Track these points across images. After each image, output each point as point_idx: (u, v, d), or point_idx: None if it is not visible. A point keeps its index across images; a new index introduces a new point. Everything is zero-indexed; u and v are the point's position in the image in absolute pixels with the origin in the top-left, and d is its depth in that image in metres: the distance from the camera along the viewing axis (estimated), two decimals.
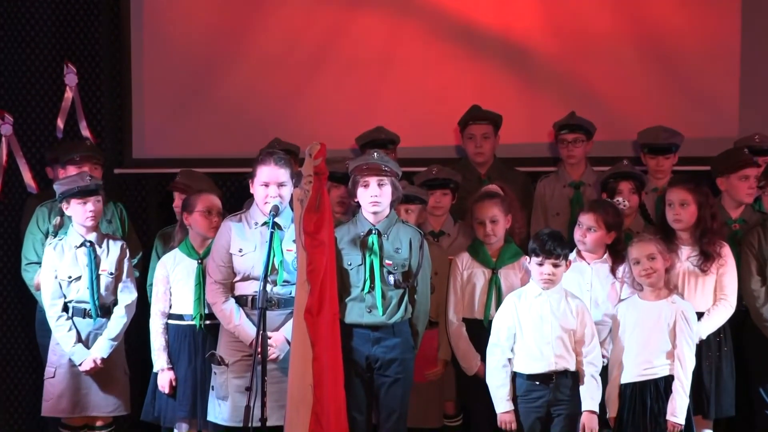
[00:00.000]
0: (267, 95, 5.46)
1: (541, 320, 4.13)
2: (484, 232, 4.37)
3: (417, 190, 4.57)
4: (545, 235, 4.13)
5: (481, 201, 4.38)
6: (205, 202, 4.44)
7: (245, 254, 4.09)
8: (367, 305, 4.05)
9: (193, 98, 5.45)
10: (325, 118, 5.41)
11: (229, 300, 4.10)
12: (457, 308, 4.37)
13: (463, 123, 5.24)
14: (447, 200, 4.73)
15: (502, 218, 4.38)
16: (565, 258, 4.13)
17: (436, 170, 4.72)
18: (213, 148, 5.44)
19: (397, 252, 4.08)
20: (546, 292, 4.15)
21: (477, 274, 4.36)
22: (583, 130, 5.08)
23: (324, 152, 3.88)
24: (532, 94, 5.45)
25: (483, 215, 4.36)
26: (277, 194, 4.06)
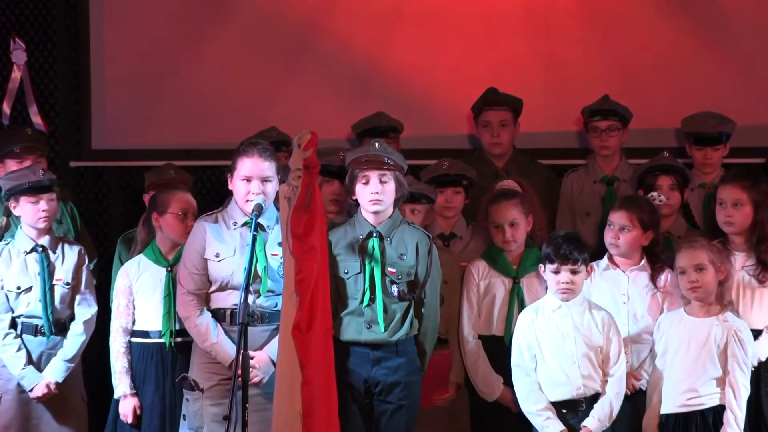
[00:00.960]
0: (248, 77, 5.48)
1: (562, 337, 4.15)
2: (502, 237, 4.41)
3: (425, 188, 4.59)
4: (559, 238, 4.16)
5: (498, 202, 4.41)
6: (181, 203, 4.45)
7: (223, 260, 4.11)
8: (366, 320, 4.06)
9: (163, 80, 5.47)
10: (316, 102, 5.43)
11: (204, 314, 4.11)
12: (472, 323, 4.41)
13: (478, 108, 5.26)
14: (459, 199, 4.76)
15: (522, 221, 4.40)
16: (584, 263, 4.15)
17: (447, 165, 4.74)
18: (186, 138, 5.46)
19: (401, 258, 4.09)
20: (566, 304, 4.17)
21: (496, 284, 4.40)
22: (618, 116, 5.10)
23: (315, 142, 3.88)
24: (557, 74, 5.46)
25: (501, 218, 4.40)
26: (260, 191, 4.07)
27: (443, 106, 5.47)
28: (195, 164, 5.35)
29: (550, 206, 4.91)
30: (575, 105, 5.27)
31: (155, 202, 4.54)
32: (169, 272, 4.42)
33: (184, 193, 4.51)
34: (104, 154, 5.50)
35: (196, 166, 5.36)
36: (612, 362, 4.14)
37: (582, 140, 5.37)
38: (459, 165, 4.79)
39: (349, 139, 5.29)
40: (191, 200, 4.49)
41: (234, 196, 4.16)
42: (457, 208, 4.76)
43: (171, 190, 4.52)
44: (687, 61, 5.41)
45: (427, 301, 4.13)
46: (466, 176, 4.76)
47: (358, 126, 5.29)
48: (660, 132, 5.35)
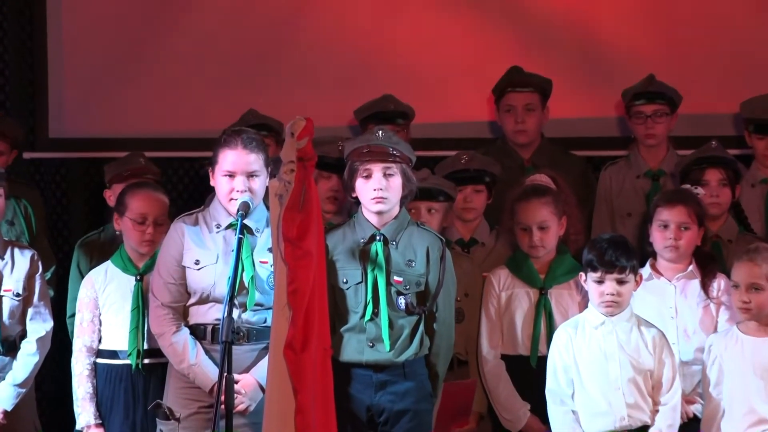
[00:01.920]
0: (232, 55, 5.51)
1: (605, 359, 4.15)
2: (530, 241, 4.42)
3: (443, 183, 4.61)
4: (604, 242, 4.15)
5: (527, 200, 4.42)
6: (141, 206, 4.44)
7: (203, 268, 4.11)
8: (369, 337, 4.07)
9: (132, 59, 5.50)
10: (311, 84, 5.45)
11: (181, 330, 4.12)
12: (493, 341, 4.43)
13: (500, 90, 5.28)
14: (481, 199, 4.77)
15: (554, 222, 4.42)
16: (633, 271, 4.14)
17: (466, 158, 4.75)
18: (159, 125, 5.50)
19: (409, 265, 4.11)
20: (610, 319, 4.17)
21: (519, 295, 4.42)
22: (666, 99, 5.11)
23: (311, 130, 3.88)
24: (592, 50, 5.48)
25: (529, 219, 4.40)
26: (246, 187, 4.08)
27: (459, 88, 5.47)
28: (170, 155, 5.39)
29: (585, 205, 4.92)
30: (614, 86, 5.28)
31: (118, 199, 4.56)
32: (138, 282, 4.44)
33: (149, 193, 4.50)
34: (63, 143, 5.52)
35: (172, 157, 5.39)
36: (665, 389, 4.14)
37: (623, 128, 5.38)
38: (480, 158, 4.81)
39: (351, 126, 5.31)
40: (156, 203, 4.48)
41: (216, 193, 4.17)
42: (478, 210, 4.78)
43: (135, 189, 4.52)
44: (746, 33, 5.41)
45: (439, 316, 4.13)
46: (489, 172, 4.77)
47: (361, 111, 5.30)
48: (713, 118, 5.38)
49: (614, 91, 5.31)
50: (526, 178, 4.65)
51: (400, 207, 4.15)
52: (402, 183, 4.10)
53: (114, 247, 4.61)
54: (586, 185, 5.15)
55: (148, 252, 4.47)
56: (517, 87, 5.20)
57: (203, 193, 4.78)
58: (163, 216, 4.47)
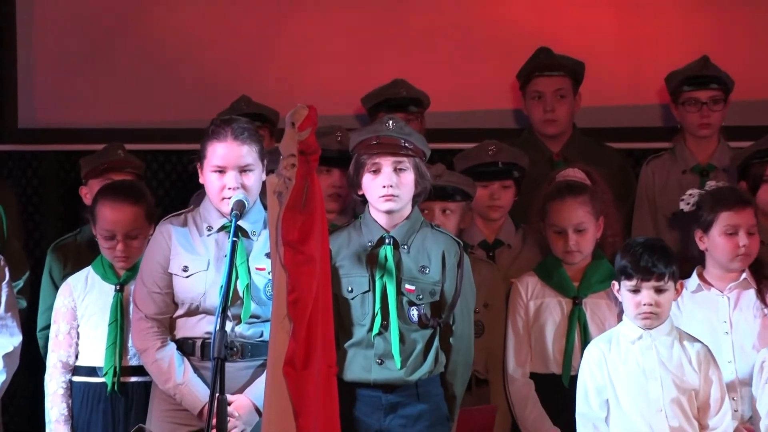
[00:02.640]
0: (223, 36, 5.54)
1: (644, 377, 4.15)
2: (564, 246, 4.43)
3: (460, 180, 4.60)
4: (639, 246, 4.15)
5: (561, 199, 4.44)
6: (108, 220, 4.42)
7: (193, 275, 4.11)
8: (377, 354, 4.07)
9: (112, 41, 5.53)
10: (313, 68, 5.47)
11: (168, 346, 4.12)
12: (519, 357, 4.44)
13: (526, 75, 5.29)
14: (508, 196, 4.78)
15: (591, 224, 4.43)
16: (672, 278, 4.14)
17: (494, 150, 4.75)
18: (141, 114, 5.52)
19: (423, 272, 4.11)
20: (648, 333, 4.18)
21: (550, 305, 4.43)
22: (722, 84, 5.11)
23: (314, 119, 3.87)
24: (631, 29, 5.49)
25: (564, 220, 4.41)
26: (239, 184, 4.08)
27: (480, 72, 5.48)
28: (155, 147, 5.41)
29: (624, 204, 4.92)
30: (657, 70, 5.28)
31: (92, 206, 4.54)
32: (117, 292, 4.45)
33: (119, 205, 4.45)
34: (34, 134, 5.55)
35: (157, 150, 5.41)
36: (712, 411, 4.13)
37: (666, 117, 5.38)
38: (509, 150, 4.81)
39: (358, 115, 5.31)
40: (126, 216, 4.45)
41: (206, 192, 4.17)
42: (505, 208, 4.80)
43: (104, 198, 4.47)
44: None
45: (457, 329, 4.13)
46: (519, 165, 4.77)
47: (369, 98, 5.32)
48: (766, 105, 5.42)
49: (656, 75, 5.32)
50: (556, 173, 4.66)
51: (412, 206, 4.14)
52: (415, 179, 4.09)
53: (91, 252, 4.61)
54: (624, 182, 5.15)
55: (123, 267, 4.49)
56: (546, 71, 5.21)
57: (193, 190, 4.78)
58: (136, 229, 4.47)
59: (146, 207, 4.53)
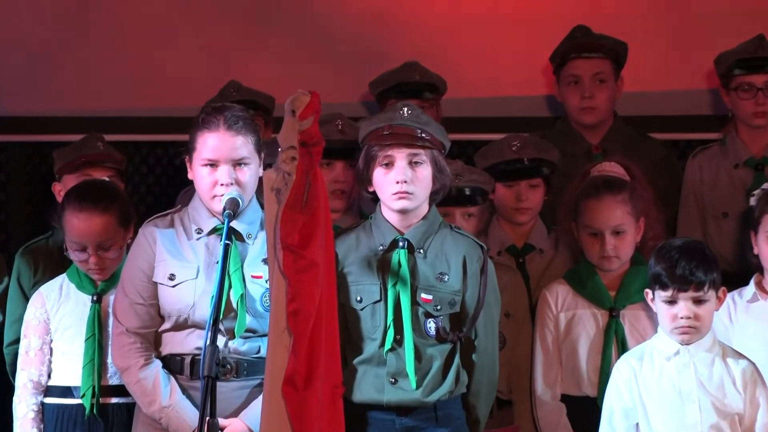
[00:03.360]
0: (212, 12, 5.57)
1: (680, 398, 4.15)
2: (600, 250, 4.43)
3: (479, 177, 4.59)
4: (675, 251, 4.15)
5: (598, 197, 4.43)
6: (76, 231, 4.40)
7: (180, 284, 4.11)
8: (390, 372, 4.07)
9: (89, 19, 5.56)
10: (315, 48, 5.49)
11: (152, 363, 4.12)
12: (549, 377, 4.45)
13: (561, 57, 5.30)
14: (537, 196, 4.81)
15: (631, 226, 4.43)
16: (713, 286, 4.13)
17: (518, 145, 4.76)
18: (123, 100, 5.54)
19: (441, 280, 4.11)
20: (686, 348, 4.17)
21: (583, 318, 4.44)
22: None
23: (317, 107, 3.87)
24: (676, 3, 5.50)
25: (600, 222, 4.41)
26: (232, 180, 4.08)
27: (506, 53, 5.49)
28: (138, 138, 5.44)
29: (668, 203, 4.91)
30: (706, 51, 5.29)
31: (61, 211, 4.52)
32: (94, 303, 4.45)
33: (89, 215, 4.42)
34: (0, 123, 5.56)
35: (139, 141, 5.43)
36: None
37: (716, 104, 5.39)
38: (536, 144, 4.81)
39: (365, 102, 5.31)
40: (97, 227, 4.43)
41: (196, 189, 4.16)
42: (533, 209, 4.82)
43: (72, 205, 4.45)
44: None
45: (480, 344, 4.14)
46: (548, 161, 4.78)
47: (379, 83, 5.33)
48: None
49: (705, 57, 5.33)
50: (590, 167, 4.66)
51: (429, 205, 4.14)
52: (432, 174, 4.09)
53: (65, 257, 4.58)
54: (669, 177, 5.16)
55: (100, 279, 4.48)
56: (584, 52, 5.24)
57: (180, 187, 4.77)
58: (108, 240, 4.45)
59: (119, 212, 4.50)
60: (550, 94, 5.45)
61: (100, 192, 4.56)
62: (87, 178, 4.88)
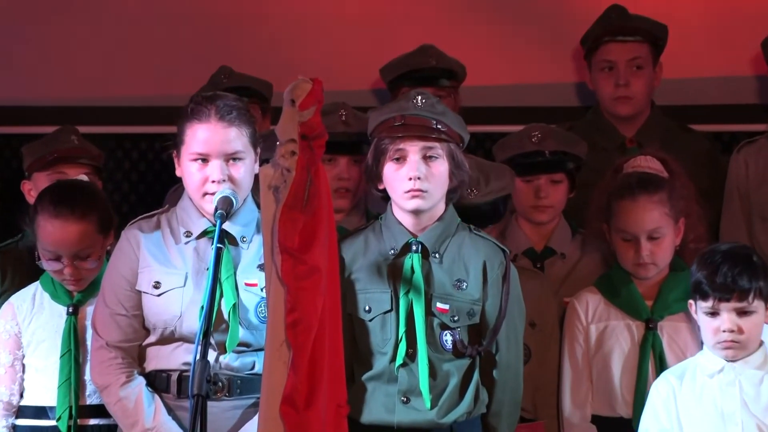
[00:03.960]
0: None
1: (722, 420, 4.16)
2: (635, 256, 4.42)
3: (501, 172, 4.55)
4: (718, 256, 4.17)
5: (632, 197, 4.44)
6: (49, 240, 4.40)
7: (167, 293, 4.11)
8: (402, 390, 4.07)
9: None
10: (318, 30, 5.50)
11: (134, 380, 4.12)
12: (578, 396, 4.48)
13: (594, 40, 5.32)
14: (560, 193, 4.83)
15: (670, 228, 4.44)
16: (761, 296, 4.15)
17: (539, 136, 4.77)
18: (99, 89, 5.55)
19: (459, 287, 4.11)
20: (732, 365, 4.18)
21: (617, 330, 4.45)
22: None
23: (319, 95, 3.86)
24: None
25: (636, 225, 4.42)
26: (225, 176, 4.08)
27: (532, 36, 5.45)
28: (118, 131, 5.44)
29: (711, 201, 4.90)
30: (752, 34, 5.32)
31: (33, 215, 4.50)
32: (70, 315, 4.45)
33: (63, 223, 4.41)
34: None
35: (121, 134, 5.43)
36: None
37: (764, 92, 5.43)
38: (559, 135, 4.82)
39: (375, 90, 5.29)
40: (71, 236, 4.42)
41: (185, 187, 4.17)
42: (555, 208, 4.86)
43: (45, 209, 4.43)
44: None
45: (502, 359, 4.14)
46: (572, 155, 4.79)
47: (390, 69, 5.35)
48: None
49: (751, 40, 5.36)
50: (623, 162, 4.66)
51: (446, 205, 4.14)
52: (449, 170, 4.09)
53: None
54: (711, 173, 5.18)
55: (75, 290, 4.47)
56: (619, 35, 5.29)
57: (169, 184, 4.74)
58: (85, 249, 4.44)
59: (98, 218, 4.49)
60: (581, 81, 5.43)
61: (78, 195, 4.55)
62: (60, 176, 4.90)
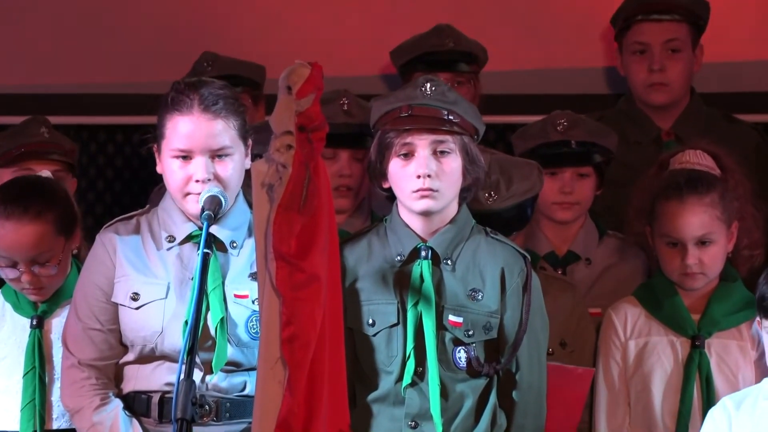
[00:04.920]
0: None
1: None
2: (682, 265, 4.46)
3: (527, 171, 4.57)
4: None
5: (679, 198, 4.47)
6: (3, 245, 4.42)
7: (146, 305, 4.13)
8: (410, 413, 4.10)
9: None
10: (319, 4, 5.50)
11: (110, 403, 4.14)
12: (614, 420, 4.52)
13: (624, 20, 5.33)
14: (586, 189, 4.90)
15: (721, 234, 4.47)
16: None
17: (565, 124, 4.82)
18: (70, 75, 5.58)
19: (474, 298, 4.15)
20: None
21: (659, 347, 4.49)
22: None
23: (318, 82, 3.88)
24: None
25: (683, 230, 4.45)
26: (211, 175, 4.12)
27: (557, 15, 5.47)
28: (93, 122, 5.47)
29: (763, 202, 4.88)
30: None
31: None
32: (34, 329, 4.48)
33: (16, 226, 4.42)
34: None
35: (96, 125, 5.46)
36: None
37: None
38: (587, 125, 4.89)
39: (385, 75, 5.31)
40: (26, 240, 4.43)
41: (166, 185, 4.19)
42: (581, 205, 4.93)
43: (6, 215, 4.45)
44: None
45: (522, 378, 4.17)
46: (601, 147, 4.85)
47: (402, 51, 5.37)
48: None
49: None
50: (668, 156, 4.66)
51: (459, 205, 4.16)
52: (462, 167, 4.12)
53: None
54: (762, 170, 5.21)
55: (38, 300, 4.49)
56: (653, 13, 5.25)
57: (149, 182, 4.76)
58: (43, 253, 4.45)
59: (56, 218, 4.49)
60: (610, 66, 5.44)
61: (32, 193, 4.54)
62: (27, 172, 4.88)
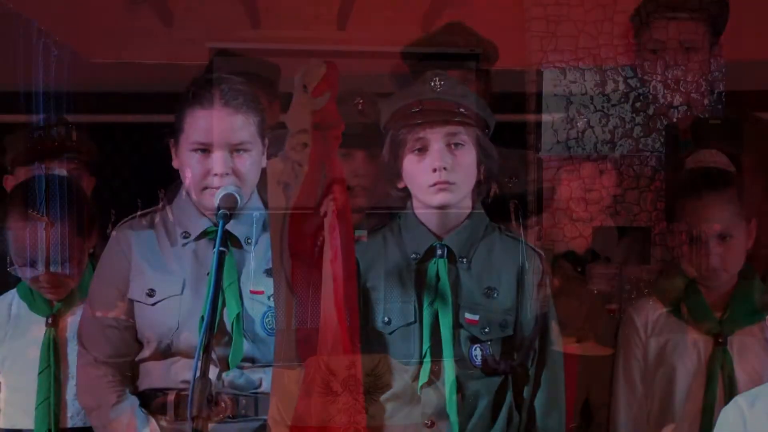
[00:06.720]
0: None
1: None
2: (705, 262, 4.40)
3: None
4: None
5: (698, 195, 4.52)
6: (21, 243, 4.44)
7: (162, 302, 4.18)
8: (426, 412, 4.13)
9: None
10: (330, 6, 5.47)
11: (126, 401, 4.20)
12: (635, 420, 4.46)
13: (641, 17, 5.32)
14: None
15: (741, 230, 4.51)
16: None
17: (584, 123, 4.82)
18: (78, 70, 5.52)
19: (489, 296, 4.17)
20: None
21: (680, 346, 4.53)
22: None
23: (334, 81, 3.92)
24: None
25: (700, 226, 4.47)
26: (229, 169, 4.14)
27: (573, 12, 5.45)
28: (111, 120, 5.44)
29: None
30: None
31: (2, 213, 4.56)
32: (50, 327, 4.51)
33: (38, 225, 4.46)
34: None
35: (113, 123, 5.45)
36: None
37: None
38: None
39: (396, 75, 5.29)
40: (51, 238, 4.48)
41: (183, 180, 4.23)
42: (600, 203, 4.87)
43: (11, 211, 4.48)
44: None
45: (544, 377, 4.21)
46: None
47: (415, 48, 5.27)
48: None
49: None
50: (685, 156, 4.71)
51: (473, 201, 4.18)
52: (477, 160, 4.13)
53: None
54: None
55: (54, 298, 4.50)
56: (669, 11, 5.23)
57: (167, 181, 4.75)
58: (63, 253, 4.47)
59: (76, 219, 4.50)
60: (627, 64, 5.44)
61: (51, 193, 4.57)
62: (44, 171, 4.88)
